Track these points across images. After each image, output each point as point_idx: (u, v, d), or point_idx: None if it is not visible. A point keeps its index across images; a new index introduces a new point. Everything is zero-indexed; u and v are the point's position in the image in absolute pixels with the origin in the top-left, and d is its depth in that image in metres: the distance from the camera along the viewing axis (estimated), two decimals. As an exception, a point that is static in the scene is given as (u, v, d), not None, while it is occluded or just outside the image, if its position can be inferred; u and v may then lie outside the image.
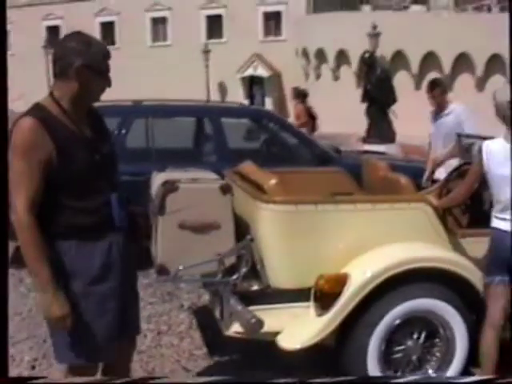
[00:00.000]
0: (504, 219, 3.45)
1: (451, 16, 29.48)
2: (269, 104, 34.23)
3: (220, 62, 33.56)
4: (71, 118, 2.52)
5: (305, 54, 31.65)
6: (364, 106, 19.70)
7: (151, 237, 3.53)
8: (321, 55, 30.31)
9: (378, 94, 18.33)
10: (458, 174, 4.82)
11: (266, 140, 7.33)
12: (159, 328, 4.64)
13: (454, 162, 5.45)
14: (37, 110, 2.49)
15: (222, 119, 6.61)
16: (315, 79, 31.43)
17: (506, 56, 24.85)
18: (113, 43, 36.13)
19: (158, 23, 38.40)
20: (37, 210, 2.42)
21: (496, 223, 3.51)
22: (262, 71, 35.90)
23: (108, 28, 38.78)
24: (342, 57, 29.11)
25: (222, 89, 36.65)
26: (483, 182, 4.42)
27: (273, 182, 3.70)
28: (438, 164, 5.68)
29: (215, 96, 33.93)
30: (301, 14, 33.67)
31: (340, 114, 24.78)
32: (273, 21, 36.43)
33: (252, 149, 7.28)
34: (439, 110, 6.32)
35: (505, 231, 3.44)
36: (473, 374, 3.81)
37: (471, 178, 3.72)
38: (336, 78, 30.05)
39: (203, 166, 4.77)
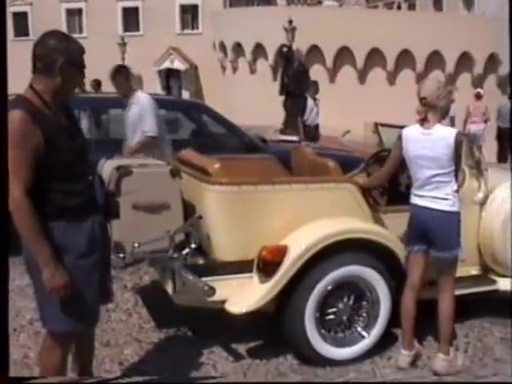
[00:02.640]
0: (420, 196, 3.94)
1: (363, 12, 30.59)
2: (185, 96, 34.36)
3: (136, 55, 33.36)
4: (51, 109, 2.78)
5: (222, 47, 32.02)
6: (281, 98, 20.28)
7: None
8: (238, 48, 30.77)
9: (295, 87, 18.96)
10: (376, 159, 5.31)
11: (196, 130, 7.70)
12: (107, 306, 4.90)
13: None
14: (23, 103, 2.72)
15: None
16: (232, 72, 31.87)
17: (415, 51, 26.19)
18: (27, 34, 35.17)
19: (74, 14, 37.79)
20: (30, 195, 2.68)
21: (414, 199, 4.00)
22: (178, 64, 35.98)
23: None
24: (258, 50, 29.65)
25: (139, 81, 36.44)
26: (399, 167, 4.98)
27: (217, 166, 4.11)
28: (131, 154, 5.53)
29: (132, 89, 33.68)
30: (218, 8, 33.99)
31: (257, 106, 25.30)
32: (189, 14, 36.62)
33: (185, 139, 7.64)
34: (125, 98, 5.95)
35: (421, 206, 3.93)
36: (395, 333, 4.36)
37: (392, 161, 4.16)
38: (253, 71, 30.59)
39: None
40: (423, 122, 3.89)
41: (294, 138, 13.03)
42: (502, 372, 3.96)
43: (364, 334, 4.15)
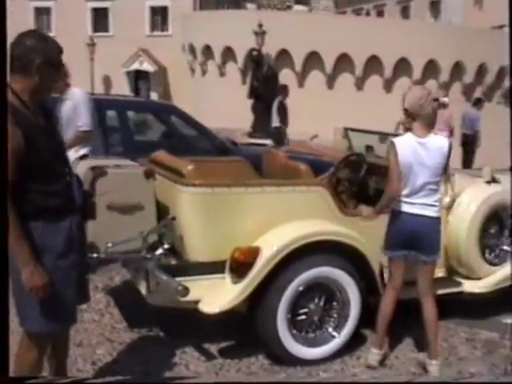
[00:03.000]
0: (411, 203, 3.94)
1: (332, 17, 30.87)
2: (154, 98, 34.24)
3: (105, 56, 33.19)
4: (29, 109, 2.79)
5: (191, 49, 31.96)
6: (250, 101, 20.40)
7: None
8: (207, 51, 30.74)
9: (264, 91, 19.09)
10: (345, 163, 5.40)
11: (167, 132, 7.73)
12: (79, 307, 4.91)
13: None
14: None
15: (128, 112, 6.93)
16: (201, 75, 31.85)
17: (383, 58, 26.52)
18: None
19: (42, 13, 37.32)
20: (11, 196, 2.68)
21: (401, 206, 3.97)
22: (147, 66, 35.82)
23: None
24: (228, 53, 29.67)
25: (107, 82, 36.24)
26: (367, 170, 5.08)
27: (190, 167, 4.15)
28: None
29: (99, 90, 33.47)
30: (187, 11, 33.96)
31: (225, 109, 25.35)
32: (159, 16, 36.49)
33: (155, 141, 7.66)
34: (60, 94, 5.63)
35: (410, 213, 3.94)
36: (364, 333, 4.46)
37: (394, 173, 3.92)
38: (222, 74, 30.61)
39: (111, 156, 5.14)
40: (408, 131, 3.98)
41: (264, 142, 13.18)
42: (466, 371, 4.09)
43: (334, 334, 4.23)
